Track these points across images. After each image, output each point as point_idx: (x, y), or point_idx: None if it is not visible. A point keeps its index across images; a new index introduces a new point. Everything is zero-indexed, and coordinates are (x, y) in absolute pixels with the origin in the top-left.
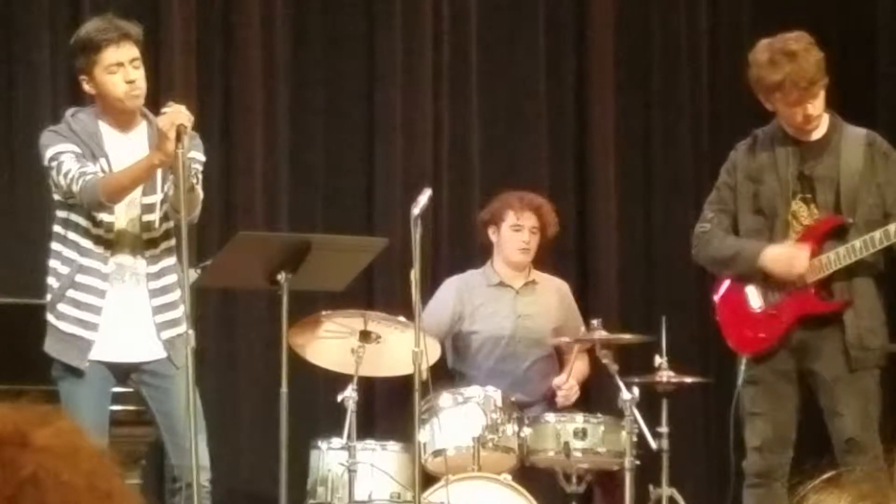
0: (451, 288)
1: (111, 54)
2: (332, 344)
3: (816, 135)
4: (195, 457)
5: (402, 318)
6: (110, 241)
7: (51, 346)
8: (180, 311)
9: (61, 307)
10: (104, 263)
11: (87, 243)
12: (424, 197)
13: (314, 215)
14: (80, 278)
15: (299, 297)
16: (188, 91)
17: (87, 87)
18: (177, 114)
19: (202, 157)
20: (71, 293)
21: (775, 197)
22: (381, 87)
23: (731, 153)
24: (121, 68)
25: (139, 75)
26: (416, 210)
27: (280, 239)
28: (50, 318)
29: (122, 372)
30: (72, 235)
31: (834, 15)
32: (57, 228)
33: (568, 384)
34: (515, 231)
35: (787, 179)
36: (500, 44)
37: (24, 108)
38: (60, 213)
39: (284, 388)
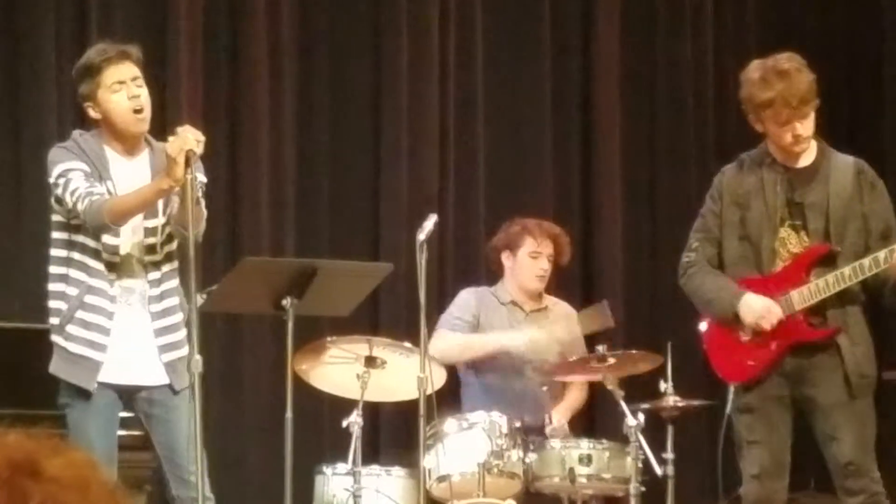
0: (471, 294)
1: (112, 73)
2: (337, 369)
3: (804, 161)
4: (201, 486)
5: (407, 344)
6: (115, 265)
7: (59, 368)
8: (182, 335)
9: (70, 328)
10: (110, 286)
11: (95, 264)
12: (430, 223)
13: (320, 241)
14: (88, 299)
15: (305, 323)
16: (194, 116)
17: (92, 113)
18: (184, 139)
19: (203, 178)
20: (80, 314)
21: (762, 223)
22: (386, 113)
23: (716, 178)
24: (123, 86)
25: (142, 93)
26: (421, 236)
27: (285, 264)
28: (58, 340)
29: (128, 395)
30: (78, 256)
31: (841, 43)
32: (57, 252)
33: (557, 425)
34: (533, 258)
35: (774, 206)
36: (506, 69)
37: (31, 134)
38: (61, 235)
39: (289, 414)
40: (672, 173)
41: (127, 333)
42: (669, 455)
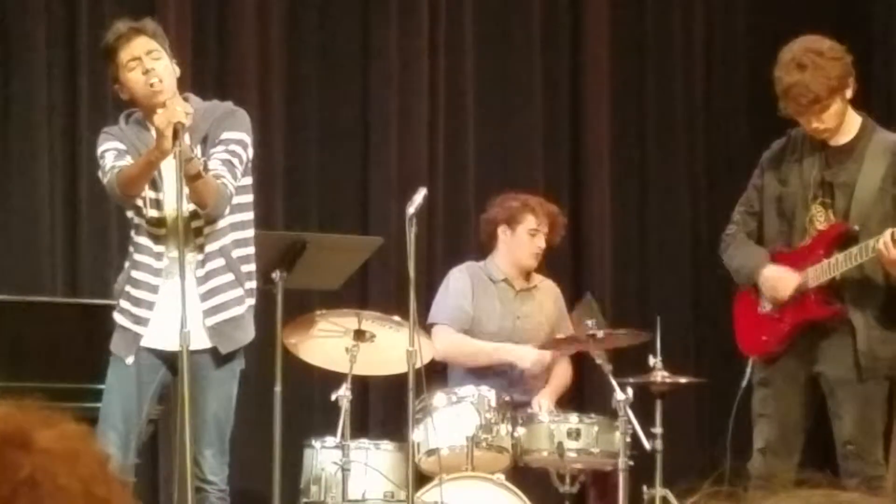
0: (465, 275)
1: (126, 52)
2: (326, 343)
3: (843, 139)
4: (188, 454)
5: (396, 318)
6: (161, 237)
7: (112, 339)
8: (228, 296)
9: (122, 303)
10: (157, 259)
11: (140, 240)
12: (420, 196)
13: (309, 214)
14: (134, 274)
15: (294, 296)
16: (183, 91)
17: (121, 94)
18: (172, 112)
19: (238, 136)
20: (128, 289)
21: (796, 200)
22: (376, 86)
23: (764, 153)
24: (138, 62)
25: (156, 65)
26: (411, 209)
27: (275, 237)
28: (115, 312)
29: (173, 361)
30: (132, 234)
31: (832, 28)
32: (130, 231)
33: (545, 411)
34: (532, 236)
35: (808, 183)
36: (496, 44)
37: (20, 124)
38: (129, 214)
39: (278, 387)
40: (661, 149)
41: (174, 303)
42: (658, 430)
